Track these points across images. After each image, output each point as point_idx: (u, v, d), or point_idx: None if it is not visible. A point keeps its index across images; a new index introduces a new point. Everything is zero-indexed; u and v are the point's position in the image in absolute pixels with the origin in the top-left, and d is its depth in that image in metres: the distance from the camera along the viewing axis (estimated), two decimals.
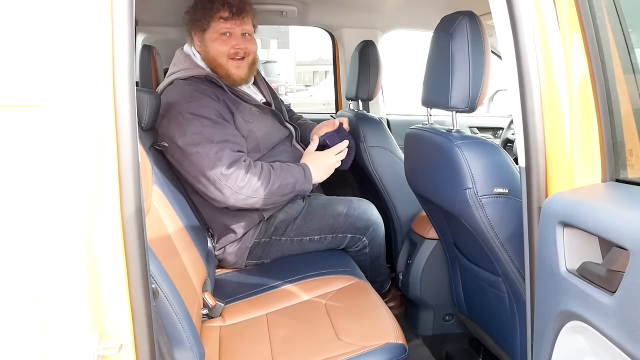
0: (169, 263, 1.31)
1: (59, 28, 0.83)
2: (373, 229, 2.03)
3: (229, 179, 1.69)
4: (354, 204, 2.03)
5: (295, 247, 1.98)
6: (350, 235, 1.99)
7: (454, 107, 1.35)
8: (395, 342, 1.37)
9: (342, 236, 1.99)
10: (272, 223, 1.94)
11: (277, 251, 1.98)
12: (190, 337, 1.19)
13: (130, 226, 0.88)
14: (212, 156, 1.68)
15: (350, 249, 2.06)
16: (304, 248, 1.99)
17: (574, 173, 0.95)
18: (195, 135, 1.69)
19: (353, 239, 2.01)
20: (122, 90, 0.87)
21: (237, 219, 1.86)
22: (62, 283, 0.80)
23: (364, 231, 2.01)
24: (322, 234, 1.98)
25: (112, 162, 0.86)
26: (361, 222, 2.00)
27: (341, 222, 1.98)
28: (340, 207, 2.00)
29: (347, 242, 2.02)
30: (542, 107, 0.96)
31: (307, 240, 1.97)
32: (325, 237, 1.98)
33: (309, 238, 1.97)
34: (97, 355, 0.84)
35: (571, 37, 0.94)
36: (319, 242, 1.99)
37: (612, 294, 0.73)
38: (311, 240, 1.98)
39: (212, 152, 1.68)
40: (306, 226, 1.97)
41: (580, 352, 0.84)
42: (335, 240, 2.00)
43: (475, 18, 1.32)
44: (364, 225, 2.00)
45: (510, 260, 1.30)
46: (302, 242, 1.98)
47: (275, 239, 1.96)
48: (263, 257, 1.98)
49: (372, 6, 2.54)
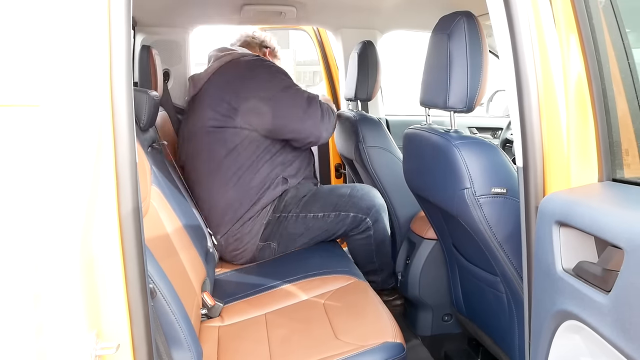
0: (167, 263, 1.31)
1: (56, 27, 0.82)
2: (376, 209, 2.08)
3: (323, 115, 2.05)
4: (358, 187, 2.14)
5: (299, 224, 2.06)
6: (352, 213, 2.05)
7: (451, 107, 1.35)
8: (393, 341, 1.37)
9: (345, 214, 2.06)
10: (284, 199, 2.08)
11: (283, 230, 2.06)
12: (188, 337, 1.19)
13: (128, 226, 0.88)
14: (305, 97, 2.04)
15: (354, 232, 2.10)
16: (307, 225, 2.06)
17: (570, 173, 0.95)
18: (287, 79, 2.06)
19: (356, 218, 2.06)
20: (119, 90, 0.87)
21: (265, 192, 2.04)
22: (59, 282, 0.80)
23: (366, 211, 2.06)
24: (325, 211, 2.06)
25: (110, 161, 0.86)
26: (364, 202, 2.07)
27: (345, 201, 2.07)
28: (345, 189, 2.12)
29: (349, 222, 2.06)
30: (539, 107, 0.96)
31: (310, 217, 2.06)
32: (329, 214, 2.05)
33: (312, 215, 2.05)
34: (94, 355, 0.84)
35: (568, 37, 0.94)
36: (322, 220, 2.05)
37: (607, 293, 0.73)
38: (315, 217, 2.06)
39: (305, 94, 2.05)
40: (311, 203, 2.07)
41: (577, 351, 0.84)
42: (337, 218, 2.05)
43: (473, 18, 1.32)
44: (366, 205, 2.07)
45: (508, 260, 1.30)
46: (306, 218, 2.06)
47: (283, 216, 2.06)
48: (271, 239, 2.06)
49: (371, 7, 2.54)
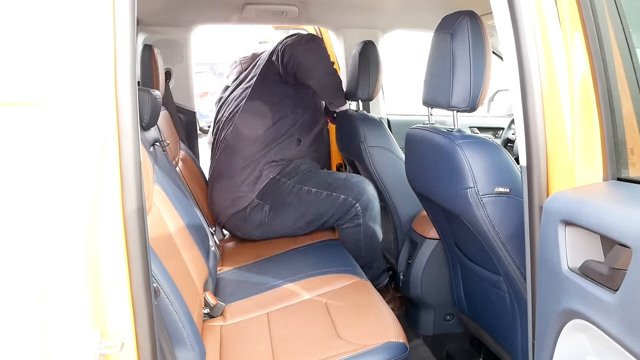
0: (170, 262, 1.31)
1: (61, 26, 0.82)
2: (367, 198, 2.19)
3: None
4: (355, 176, 2.31)
5: (293, 194, 2.24)
6: (343, 196, 2.18)
7: (454, 106, 1.35)
8: (396, 340, 1.37)
9: (336, 196, 2.20)
10: (288, 165, 2.30)
11: (278, 194, 2.24)
12: (191, 336, 1.19)
13: (132, 225, 0.88)
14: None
15: (344, 220, 2.21)
16: (300, 197, 2.22)
17: (575, 172, 0.95)
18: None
19: (346, 202, 2.18)
20: (124, 89, 0.86)
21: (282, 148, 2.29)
22: (63, 282, 0.80)
23: (357, 197, 2.18)
24: (319, 188, 2.23)
25: (114, 161, 0.86)
26: (356, 189, 2.20)
27: (339, 183, 2.23)
28: (342, 175, 2.31)
29: (339, 204, 2.19)
30: (543, 106, 0.96)
31: (305, 190, 2.24)
32: (322, 192, 2.22)
33: (307, 188, 2.23)
34: (98, 354, 0.84)
35: (572, 36, 0.94)
36: (314, 195, 2.22)
37: (615, 292, 0.73)
38: (308, 191, 2.23)
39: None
40: (308, 178, 2.26)
41: (582, 350, 0.84)
42: (329, 198, 2.20)
43: (476, 18, 1.32)
44: (358, 191, 2.19)
45: (511, 260, 1.30)
46: (301, 191, 2.23)
47: (282, 181, 2.26)
48: (265, 200, 2.25)
49: (373, 6, 2.54)
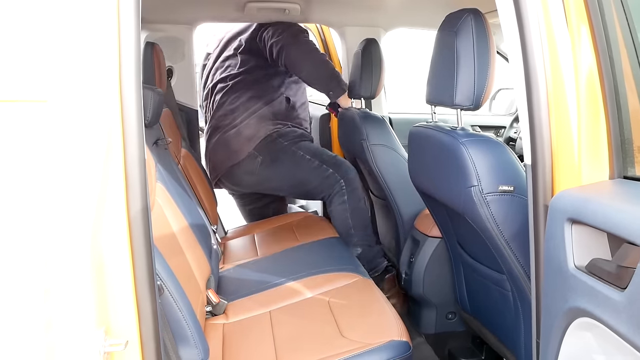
0: (173, 260, 1.31)
1: (65, 23, 0.82)
2: (351, 177, 2.42)
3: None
4: (342, 158, 2.55)
5: (288, 154, 2.46)
6: (332, 170, 2.42)
7: (458, 104, 1.34)
8: (399, 339, 1.36)
9: (325, 169, 2.43)
10: (285, 127, 2.54)
11: (273, 149, 2.45)
12: (195, 334, 1.19)
13: (137, 223, 0.87)
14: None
15: (327, 194, 2.43)
16: (294, 159, 2.45)
17: (581, 170, 0.94)
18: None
19: (332, 176, 2.42)
20: (128, 87, 0.86)
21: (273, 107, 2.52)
22: (68, 280, 0.80)
23: (343, 174, 2.42)
24: (313, 157, 2.46)
25: (119, 159, 0.86)
26: (343, 167, 2.45)
27: (329, 158, 2.47)
28: (331, 153, 2.56)
29: (326, 177, 2.41)
30: (548, 103, 0.96)
31: (299, 154, 2.46)
32: (314, 161, 2.45)
33: (301, 153, 2.46)
34: (103, 351, 0.84)
35: (579, 33, 0.93)
36: (307, 163, 2.45)
37: (623, 290, 0.72)
38: (302, 157, 2.45)
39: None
40: (305, 147, 2.50)
41: (589, 349, 0.83)
42: (319, 169, 2.43)
43: (480, 15, 1.32)
44: (344, 170, 2.44)
45: (515, 258, 1.30)
46: (295, 154, 2.46)
47: (279, 140, 2.48)
48: (259, 151, 2.45)
49: (375, 4, 2.54)
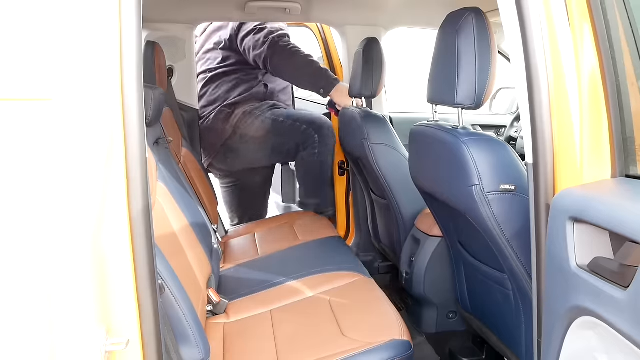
0: (174, 260, 1.31)
1: (67, 22, 0.82)
2: (326, 132, 2.67)
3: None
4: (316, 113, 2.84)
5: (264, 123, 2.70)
6: (305, 126, 2.68)
7: (460, 104, 1.34)
8: (400, 338, 1.36)
9: (299, 125, 2.69)
10: (265, 103, 2.78)
11: (251, 126, 2.69)
12: (196, 333, 1.19)
13: (138, 223, 0.87)
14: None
15: (303, 146, 2.68)
16: (269, 125, 2.70)
17: (583, 169, 0.94)
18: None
19: (306, 131, 2.68)
20: (130, 86, 0.86)
21: (252, 95, 2.78)
22: (70, 279, 0.80)
23: (317, 129, 2.68)
24: (286, 118, 2.71)
25: (120, 158, 0.86)
26: (317, 122, 2.71)
27: (303, 116, 2.75)
28: (307, 111, 2.89)
29: (301, 133, 2.67)
30: (549, 103, 0.95)
31: (273, 119, 2.71)
32: (287, 122, 2.70)
33: (274, 117, 2.71)
34: (104, 350, 0.83)
35: (581, 31, 0.93)
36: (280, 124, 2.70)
37: (625, 289, 0.72)
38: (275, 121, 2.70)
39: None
40: (279, 111, 2.75)
41: (591, 347, 0.83)
42: (293, 126, 2.69)
43: (481, 15, 1.32)
44: (319, 124, 2.70)
45: (517, 257, 1.30)
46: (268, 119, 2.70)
47: (255, 112, 2.72)
48: (239, 128, 2.71)
49: (376, 3, 2.54)
